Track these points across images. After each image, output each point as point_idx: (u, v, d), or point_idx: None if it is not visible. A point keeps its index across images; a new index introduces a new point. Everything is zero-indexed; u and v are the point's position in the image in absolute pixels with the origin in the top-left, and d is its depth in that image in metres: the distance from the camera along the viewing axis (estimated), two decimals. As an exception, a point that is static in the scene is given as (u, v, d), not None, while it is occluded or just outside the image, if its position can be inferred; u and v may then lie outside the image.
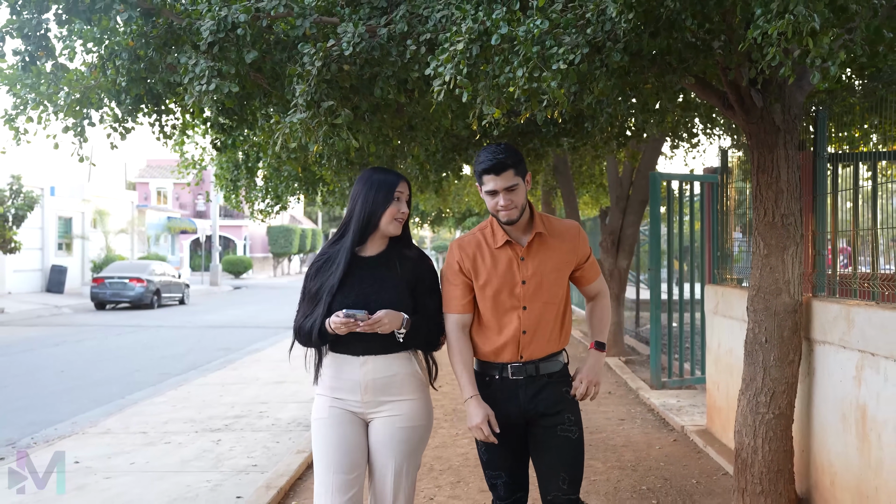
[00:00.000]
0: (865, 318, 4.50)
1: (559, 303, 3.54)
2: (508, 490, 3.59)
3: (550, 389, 3.51)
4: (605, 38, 4.20)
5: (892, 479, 4.24)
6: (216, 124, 6.11)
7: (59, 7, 4.63)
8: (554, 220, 3.64)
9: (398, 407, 3.46)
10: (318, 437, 3.47)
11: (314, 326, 3.39)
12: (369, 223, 3.48)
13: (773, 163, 5.14)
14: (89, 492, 6.02)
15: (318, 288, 3.47)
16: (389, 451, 3.44)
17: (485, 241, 3.57)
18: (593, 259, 3.70)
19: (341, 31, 4.60)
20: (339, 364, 3.47)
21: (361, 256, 3.52)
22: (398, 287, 3.48)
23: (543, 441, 3.51)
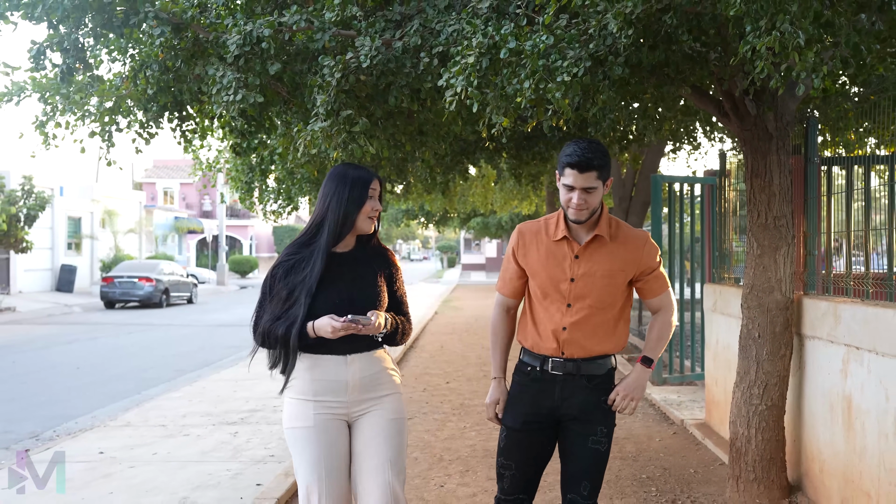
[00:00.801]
0: (851, 314, 4.79)
1: (608, 308, 3.48)
2: (513, 485, 3.56)
3: (587, 394, 3.48)
4: (606, 51, 4.51)
5: (874, 463, 4.54)
6: (236, 130, 6.42)
7: (95, 22, 4.93)
8: (623, 227, 3.58)
9: (382, 402, 3.46)
10: (306, 446, 3.37)
11: (291, 329, 3.30)
12: (345, 222, 3.43)
13: (765, 168, 5.44)
14: (116, 479, 6.33)
15: (290, 290, 3.37)
16: (384, 445, 3.40)
17: (545, 231, 3.56)
18: (660, 274, 3.60)
19: (359, 44, 4.90)
20: (319, 366, 3.39)
21: (335, 253, 3.47)
22: (377, 282, 3.49)
23: (573, 447, 3.49)
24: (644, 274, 3.55)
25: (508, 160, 9.76)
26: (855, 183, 6.01)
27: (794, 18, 3.84)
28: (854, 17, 4.23)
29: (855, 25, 4.22)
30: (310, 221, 3.51)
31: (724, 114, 5.61)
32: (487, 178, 17.10)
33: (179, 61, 5.11)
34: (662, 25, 4.61)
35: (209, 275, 43.31)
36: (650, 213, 10.67)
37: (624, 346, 3.55)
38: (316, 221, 3.47)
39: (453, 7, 5.14)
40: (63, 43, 4.90)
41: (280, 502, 5.57)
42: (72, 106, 5.63)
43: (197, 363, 13.60)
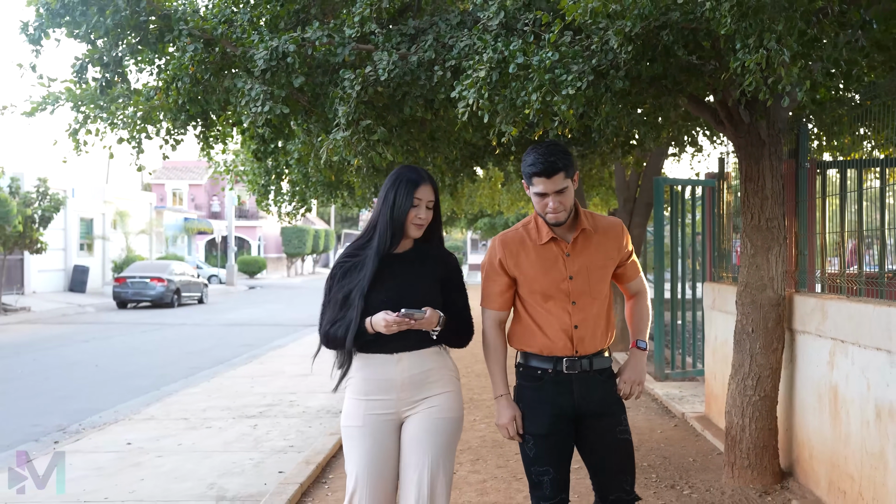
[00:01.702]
0: (836, 309, 5.13)
1: (605, 299, 3.55)
2: (555, 488, 3.51)
3: (603, 387, 3.51)
4: (608, 66, 4.88)
5: (857, 448, 4.88)
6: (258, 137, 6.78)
7: (132, 38, 5.30)
8: (598, 217, 3.62)
9: (434, 400, 3.47)
10: (355, 446, 3.44)
11: (349, 329, 3.37)
12: (395, 226, 3.45)
13: (759, 172, 5.78)
14: (145, 468, 6.70)
15: (346, 292, 3.44)
16: (427, 444, 3.41)
17: (528, 237, 3.55)
18: (634, 258, 3.70)
19: (377, 58, 5.26)
20: (370, 365, 3.45)
21: (393, 254, 3.50)
22: (430, 283, 3.51)
23: (602, 442, 3.50)
24: (624, 259, 3.62)
25: (516, 163, 10.10)
26: (848, 185, 6.34)
27: (780, 37, 4.20)
28: (837, 36, 4.57)
29: (837, 43, 4.56)
30: (368, 223, 3.57)
31: (720, 122, 5.95)
32: (495, 179, 17.43)
33: (209, 74, 5.47)
34: (660, 41, 4.96)
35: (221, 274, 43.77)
36: (653, 215, 10.99)
37: (612, 339, 3.61)
38: (371, 224, 3.52)
39: (465, 23, 5.50)
40: (102, 58, 5.28)
41: (303, 487, 5.92)
42: (109, 116, 5.99)
43: (212, 361, 13.97)
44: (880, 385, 4.57)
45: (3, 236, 22.38)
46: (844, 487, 5.03)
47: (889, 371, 4.46)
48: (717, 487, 5.88)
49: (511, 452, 6.87)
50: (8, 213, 21.84)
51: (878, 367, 4.59)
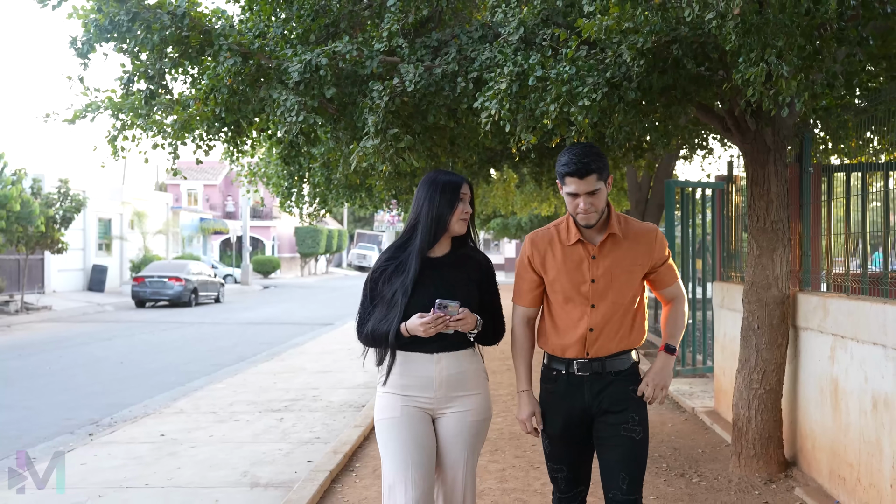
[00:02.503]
0: (836, 307, 5.45)
1: (629, 303, 3.55)
2: (569, 485, 3.63)
3: (616, 386, 3.52)
4: (621, 78, 5.21)
5: (855, 438, 5.19)
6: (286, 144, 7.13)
7: (174, 53, 5.65)
8: (632, 222, 3.63)
9: (467, 402, 3.57)
10: (392, 435, 3.52)
11: (388, 327, 3.48)
12: (438, 225, 3.54)
13: (764, 177, 6.09)
14: (181, 457, 7.06)
15: (391, 293, 3.53)
16: (462, 445, 3.56)
17: (558, 237, 3.59)
18: (671, 264, 3.68)
19: (403, 70, 5.60)
20: (409, 362, 3.54)
21: (430, 258, 3.59)
22: (469, 286, 3.59)
23: (606, 438, 3.53)
24: (656, 266, 3.60)
25: (531, 166, 10.44)
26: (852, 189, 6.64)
27: (780, 52, 4.52)
28: (835, 51, 4.89)
29: (836, 57, 4.88)
30: (406, 226, 3.66)
31: (727, 129, 6.27)
32: (509, 181, 17.75)
33: (245, 85, 5.81)
34: (670, 54, 5.30)
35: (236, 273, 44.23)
36: (664, 216, 11.30)
37: (643, 339, 3.62)
38: (410, 225, 3.61)
39: (486, 37, 5.84)
40: (148, 71, 5.64)
41: (332, 474, 6.25)
42: (151, 125, 6.35)
43: (234, 358, 14.34)
44: (876, 377, 4.89)
45: (25, 236, 22.82)
46: (844, 475, 5.35)
47: (884, 364, 4.77)
48: (725, 476, 6.19)
49: (528, 444, 7.20)
50: (30, 214, 22.27)
51: (875, 361, 4.90)
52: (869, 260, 6.47)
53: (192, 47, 5.63)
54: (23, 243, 23.09)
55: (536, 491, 5.87)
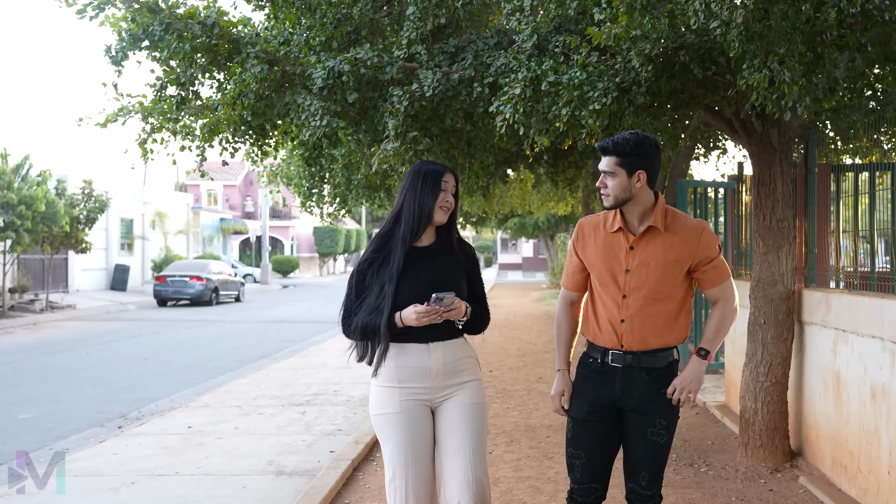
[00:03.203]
0: (838, 302, 5.67)
1: (666, 299, 3.50)
2: (586, 473, 3.60)
3: (647, 387, 3.50)
4: (630, 83, 5.46)
5: (856, 426, 5.41)
6: (308, 146, 7.42)
7: (204, 60, 5.94)
8: (680, 217, 3.58)
9: (464, 388, 3.60)
10: (393, 431, 3.54)
11: (380, 321, 3.47)
12: (422, 213, 3.54)
13: (770, 177, 6.31)
14: (209, 447, 7.34)
15: (379, 285, 3.54)
16: (464, 428, 3.53)
17: (603, 223, 3.61)
18: (720, 263, 3.57)
19: (422, 76, 5.86)
20: (404, 353, 3.54)
21: (416, 247, 3.61)
22: (458, 274, 3.63)
23: (632, 437, 3.55)
24: (701, 264, 3.53)
25: (546, 167, 10.68)
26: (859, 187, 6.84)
27: (781, 59, 4.75)
28: (836, 57, 5.11)
29: (836, 63, 5.11)
30: (389, 215, 3.66)
31: (735, 131, 6.50)
32: (525, 181, 17.98)
33: (270, 91, 6.09)
34: (678, 60, 5.54)
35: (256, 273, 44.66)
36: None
37: (685, 338, 3.57)
38: (394, 214, 3.62)
39: (501, 44, 6.09)
40: (179, 78, 5.94)
41: (354, 463, 6.52)
42: (182, 129, 6.65)
43: (256, 354, 14.65)
44: (874, 368, 5.11)
45: (50, 236, 23.23)
46: (845, 463, 5.57)
47: (882, 355, 5.00)
48: (732, 466, 6.42)
49: (542, 436, 7.45)
50: (55, 214, 22.67)
51: (873, 353, 5.12)
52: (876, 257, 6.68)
53: (220, 55, 5.92)
54: (48, 243, 23.50)
55: (550, 479, 6.12)
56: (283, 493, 5.93)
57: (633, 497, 3.60)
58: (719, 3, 4.59)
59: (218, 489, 6.04)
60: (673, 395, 3.48)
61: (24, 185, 22.24)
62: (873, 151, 8.91)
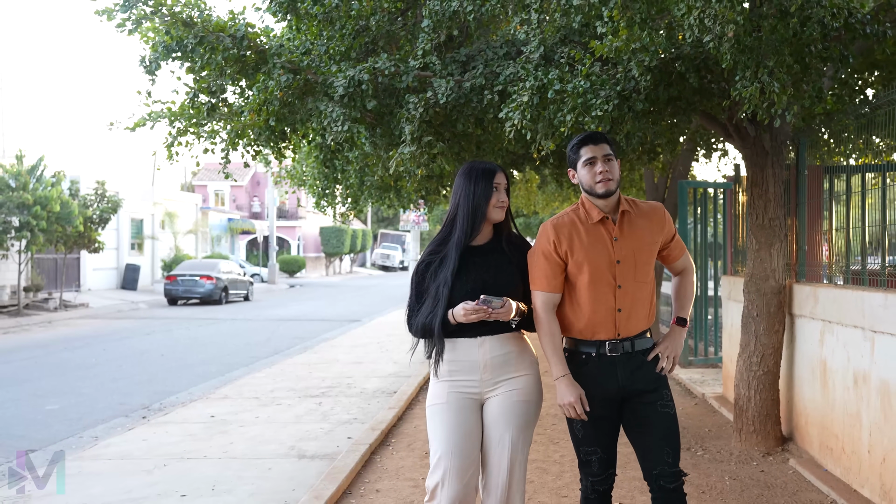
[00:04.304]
0: (825, 295, 6.08)
1: (650, 283, 3.67)
2: (602, 466, 3.68)
3: (646, 365, 3.62)
4: (630, 91, 5.86)
5: (840, 411, 5.82)
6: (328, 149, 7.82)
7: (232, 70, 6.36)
8: (639, 203, 3.75)
9: (514, 382, 3.61)
10: (438, 421, 3.62)
11: (435, 320, 3.55)
12: (476, 216, 3.61)
13: (763, 179, 6.71)
14: (232, 434, 7.77)
15: (436, 287, 3.60)
16: (506, 424, 3.57)
17: (578, 219, 3.67)
18: (678, 238, 3.80)
19: (436, 84, 6.27)
20: (455, 348, 3.61)
21: (472, 245, 3.67)
22: (512, 272, 3.67)
23: (645, 416, 3.61)
24: (668, 241, 3.74)
25: (551, 168, 11.09)
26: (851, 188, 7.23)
27: (770, 70, 5.16)
28: (821, 68, 5.52)
29: (821, 73, 5.52)
30: (446, 218, 3.73)
31: (729, 135, 6.90)
32: (531, 181, 18.39)
33: (294, 98, 6.50)
34: (675, 69, 5.95)
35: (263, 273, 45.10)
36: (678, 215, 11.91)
37: (654, 319, 3.74)
38: (450, 218, 3.70)
39: (510, 54, 6.51)
40: (210, 87, 6.37)
41: (371, 447, 6.93)
42: (211, 133, 7.08)
43: (269, 351, 15.08)
44: (856, 356, 5.51)
45: (64, 236, 23.69)
46: (831, 445, 5.97)
47: (863, 344, 5.40)
48: (727, 450, 6.82)
49: (548, 424, 7.86)
50: (70, 215, 23.14)
51: (855, 342, 5.53)
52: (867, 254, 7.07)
53: (248, 65, 6.34)
54: (61, 243, 23.96)
55: (556, 461, 6.54)
56: (307, 473, 6.35)
57: (663, 480, 3.58)
58: (712, 18, 5.00)
59: (245, 471, 6.46)
60: (662, 364, 3.62)
61: (38, 186, 22.72)
62: (866, 153, 9.29)
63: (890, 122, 6.59)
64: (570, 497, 5.63)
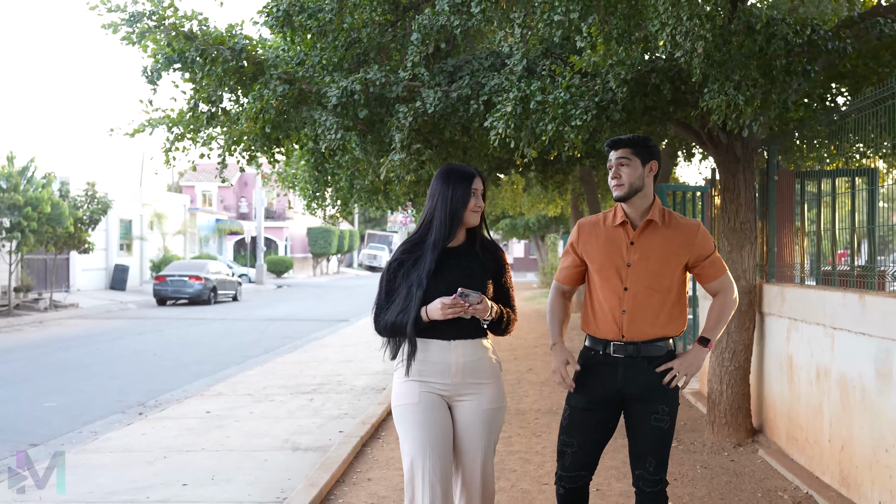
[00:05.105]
0: (791, 294, 6.45)
1: (665, 291, 3.67)
2: (573, 463, 3.73)
3: (649, 375, 3.63)
4: (608, 102, 6.23)
5: (804, 404, 6.19)
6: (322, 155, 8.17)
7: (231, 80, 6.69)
8: (676, 216, 3.77)
9: (483, 389, 3.65)
10: (411, 421, 3.61)
11: (407, 318, 3.55)
12: (453, 220, 3.62)
13: (734, 184, 7.08)
14: (228, 429, 8.09)
15: (408, 286, 3.61)
16: (480, 432, 3.64)
17: (603, 221, 3.80)
18: (716, 259, 3.76)
19: (425, 94, 6.62)
20: (428, 350, 3.62)
21: (447, 248, 3.67)
22: (484, 276, 3.69)
23: (638, 426, 3.68)
24: (699, 260, 3.72)
25: (535, 173, 11.47)
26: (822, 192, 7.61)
27: (736, 85, 5.53)
28: (786, 81, 5.89)
29: (784, 87, 5.89)
30: (420, 220, 3.76)
31: (703, 142, 7.27)
32: (517, 184, 18.76)
33: (289, 107, 6.84)
34: (650, 81, 6.31)
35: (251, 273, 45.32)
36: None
37: (683, 330, 3.74)
38: (426, 220, 3.71)
39: (495, 66, 6.86)
40: (210, 97, 6.70)
41: (363, 440, 7.27)
42: (209, 140, 7.41)
43: (260, 350, 15.39)
44: (818, 352, 5.89)
45: (54, 237, 23.90)
46: (797, 436, 6.34)
47: (824, 340, 5.78)
48: (700, 442, 7.19)
49: (531, 418, 8.21)
50: (60, 216, 23.36)
51: (818, 338, 5.90)
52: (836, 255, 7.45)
53: (246, 76, 6.68)
54: (52, 243, 24.17)
55: (537, 452, 6.89)
56: (301, 464, 6.68)
57: (642, 483, 3.71)
58: (683, 35, 5.36)
59: (243, 462, 6.78)
60: (669, 373, 3.61)
61: (29, 188, 22.93)
62: (836, 159, 9.66)
63: (859, 128, 6.97)
64: (550, 485, 5.97)
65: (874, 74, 7.60)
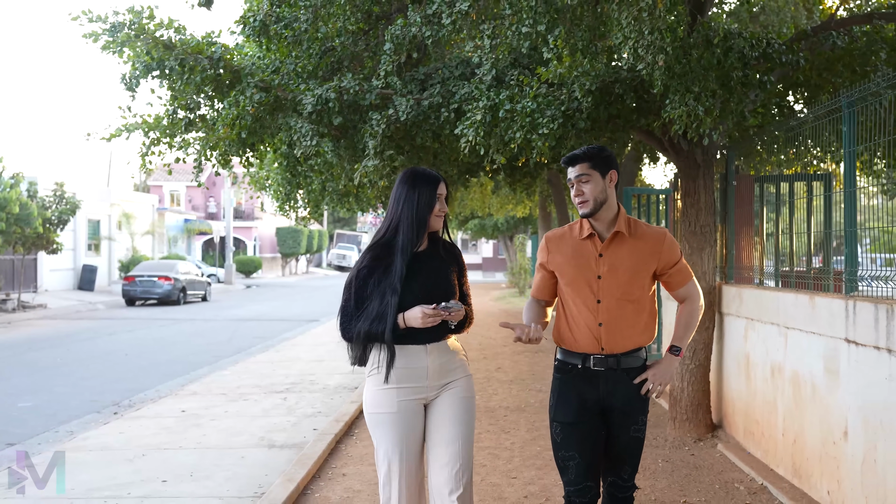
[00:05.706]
0: (748, 295, 6.75)
1: (636, 301, 3.68)
2: (580, 474, 3.69)
3: (629, 387, 3.67)
4: (573, 110, 6.49)
5: (760, 399, 6.49)
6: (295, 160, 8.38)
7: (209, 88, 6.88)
8: (642, 225, 3.78)
9: (455, 383, 3.73)
10: (390, 430, 3.66)
11: (384, 326, 3.57)
12: (421, 224, 3.65)
13: (695, 189, 7.37)
14: (205, 427, 8.26)
15: (381, 292, 3.63)
16: (455, 420, 3.69)
17: (570, 233, 3.81)
18: (682, 266, 3.79)
19: (397, 102, 6.85)
20: (404, 355, 3.64)
21: (414, 252, 3.69)
22: (450, 276, 3.76)
23: (617, 436, 3.71)
24: (667, 267, 3.74)
25: (503, 177, 11.74)
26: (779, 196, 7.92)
27: (697, 95, 5.81)
28: (743, 92, 6.19)
29: (743, 97, 6.18)
30: (384, 223, 3.76)
31: (665, 149, 7.56)
32: (486, 185, 19.03)
33: (265, 114, 7.04)
34: (614, 91, 6.58)
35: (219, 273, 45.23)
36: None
37: (654, 337, 3.77)
38: (392, 224, 3.70)
39: (465, 75, 7.10)
40: (189, 104, 6.89)
41: (337, 437, 7.49)
42: (185, 145, 7.59)
43: (232, 350, 15.53)
44: (773, 350, 6.19)
45: (23, 237, 23.84)
46: (753, 430, 6.65)
47: (778, 339, 6.08)
48: (663, 437, 7.48)
49: (500, 416, 8.46)
50: (29, 216, 23.32)
51: (773, 337, 6.20)
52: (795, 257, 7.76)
53: (223, 83, 6.87)
54: (20, 244, 24.10)
55: (506, 448, 7.14)
56: (278, 461, 6.88)
57: (614, 489, 3.79)
58: (645, 48, 5.63)
59: (220, 459, 6.97)
60: (646, 385, 3.67)
61: (-3, 188, 22.88)
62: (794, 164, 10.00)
63: (815, 135, 7.28)
64: (518, 479, 6.22)
65: (829, 84, 7.94)
